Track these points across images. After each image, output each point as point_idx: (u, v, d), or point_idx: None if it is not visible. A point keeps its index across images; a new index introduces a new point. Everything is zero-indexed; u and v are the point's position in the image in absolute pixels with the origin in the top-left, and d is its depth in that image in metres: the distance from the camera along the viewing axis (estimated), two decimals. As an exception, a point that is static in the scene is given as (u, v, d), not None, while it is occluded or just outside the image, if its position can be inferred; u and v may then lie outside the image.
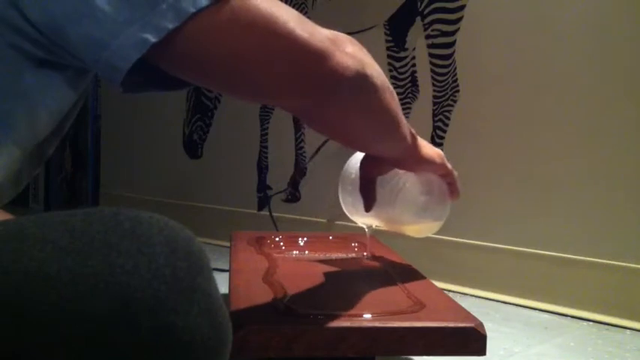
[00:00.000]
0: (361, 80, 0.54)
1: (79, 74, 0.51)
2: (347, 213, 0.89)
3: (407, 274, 0.87)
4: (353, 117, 0.58)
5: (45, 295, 0.35)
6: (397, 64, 1.65)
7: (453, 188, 0.83)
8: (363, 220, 0.89)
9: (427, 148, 0.75)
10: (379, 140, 0.66)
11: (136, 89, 0.50)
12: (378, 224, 0.89)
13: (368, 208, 0.76)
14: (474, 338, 0.63)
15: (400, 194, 0.80)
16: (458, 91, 1.53)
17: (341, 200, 0.88)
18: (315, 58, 0.50)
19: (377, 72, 0.57)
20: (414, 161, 0.74)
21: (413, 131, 0.71)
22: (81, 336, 0.36)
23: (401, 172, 0.79)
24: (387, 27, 1.67)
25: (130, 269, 0.37)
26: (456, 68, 1.53)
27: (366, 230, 0.93)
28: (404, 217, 0.82)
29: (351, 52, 0.53)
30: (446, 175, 0.81)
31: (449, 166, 0.80)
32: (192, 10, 0.43)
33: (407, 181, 0.80)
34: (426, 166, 0.76)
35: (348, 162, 0.87)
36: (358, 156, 0.81)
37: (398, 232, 0.87)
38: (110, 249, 0.37)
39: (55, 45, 0.46)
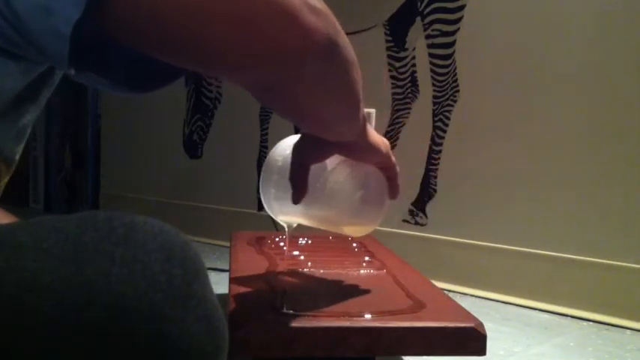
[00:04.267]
0: (332, 48, 0.46)
1: (32, 63, 0.49)
2: (267, 208, 0.76)
3: (407, 274, 0.87)
4: (319, 92, 0.50)
5: (39, 306, 0.35)
6: (397, 64, 1.65)
7: (393, 185, 0.71)
8: (285, 217, 0.76)
9: (374, 135, 0.66)
10: (340, 122, 0.57)
11: (92, 78, 0.47)
12: (302, 222, 0.76)
13: (297, 199, 0.66)
14: (474, 338, 0.63)
15: (333, 188, 0.68)
16: (458, 91, 1.53)
17: (261, 193, 0.75)
18: (283, 21, 0.41)
19: (345, 39, 0.49)
20: (361, 148, 0.65)
21: (364, 111, 0.62)
22: (78, 347, 0.35)
23: (334, 162, 0.68)
24: (387, 27, 1.67)
25: (125, 277, 0.36)
26: (456, 68, 1.53)
27: (286, 229, 0.80)
28: (336, 215, 0.71)
29: (322, 11, 0.44)
30: (387, 169, 0.70)
31: (393, 159, 0.70)
32: None
33: (341, 172, 0.68)
34: (371, 156, 0.67)
35: (275, 148, 0.75)
36: (287, 141, 0.72)
37: (328, 230, 0.76)
38: (104, 257, 0.37)
39: (16, 31, 0.43)
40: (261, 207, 1.96)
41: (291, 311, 0.65)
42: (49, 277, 0.36)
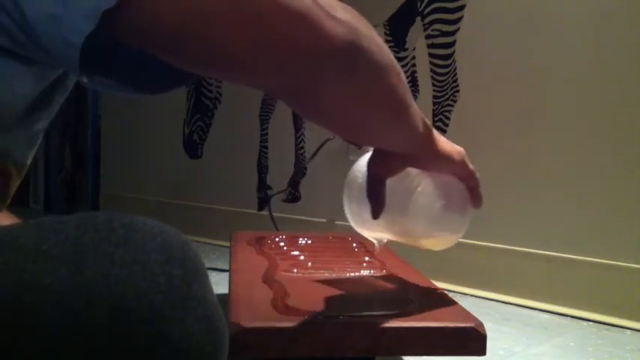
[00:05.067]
0: (354, 54, 0.45)
1: (45, 68, 0.49)
2: (353, 224, 0.76)
3: (407, 274, 0.87)
4: (344, 99, 0.49)
5: (39, 307, 0.35)
6: (397, 64, 1.65)
7: (474, 193, 0.70)
8: (373, 233, 0.77)
9: (445, 144, 0.65)
10: (380, 129, 0.56)
11: (100, 82, 0.47)
12: (389, 237, 0.76)
13: (376, 214, 0.66)
14: (473, 338, 0.63)
15: (413, 200, 0.67)
16: (458, 91, 1.53)
17: (346, 209, 0.76)
18: (295, 23, 0.41)
19: (377, 46, 0.49)
20: (429, 158, 0.64)
21: (427, 121, 0.61)
22: (78, 347, 0.35)
23: (413, 173, 0.68)
24: (387, 27, 1.67)
25: (125, 279, 0.36)
26: (456, 68, 1.53)
27: (377, 245, 0.79)
28: (418, 228, 0.70)
29: (343, 19, 0.44)
30: (466, 178, 0.69)
31: (470, 166, 0.69)
32: None
33: (420, 183, 0.68)
34: (444, 165, 0.66)
35: (356, 164, 0.75)
36: (367, 157, 0.72)
37: (412, 245, 0.74)
38: (104, 258, 0.37)
39: (22, 32, 0.43)
40: (261, 207, 1.97)
41: (291, 311, 0.65)
42: (49, 278, 0.36)
